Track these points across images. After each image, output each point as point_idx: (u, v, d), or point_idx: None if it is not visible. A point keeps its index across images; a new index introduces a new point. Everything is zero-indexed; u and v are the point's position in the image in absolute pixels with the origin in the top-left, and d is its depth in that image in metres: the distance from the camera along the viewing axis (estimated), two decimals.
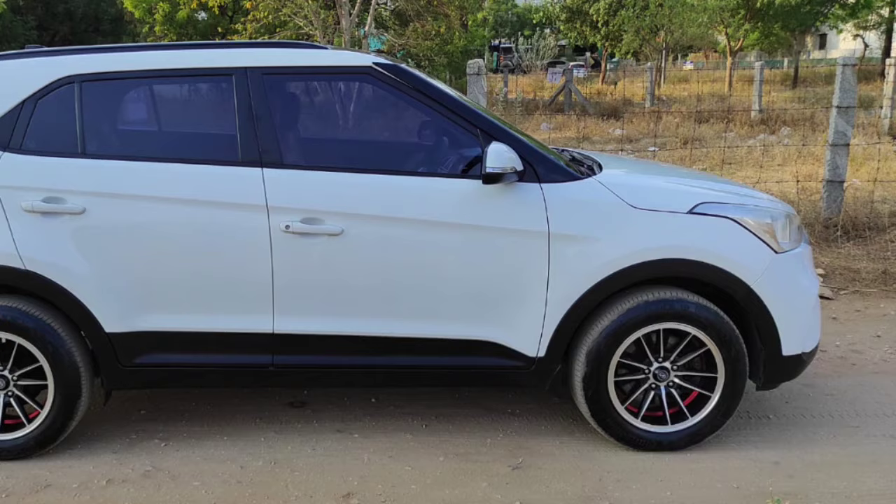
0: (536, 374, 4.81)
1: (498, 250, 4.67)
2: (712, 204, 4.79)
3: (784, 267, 4.81)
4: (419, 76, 4.91)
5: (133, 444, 5.04)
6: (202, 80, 5.01)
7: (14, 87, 4.76)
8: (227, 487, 4.53)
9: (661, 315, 4.67)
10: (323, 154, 5.22)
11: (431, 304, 4.73)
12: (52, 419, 4.75)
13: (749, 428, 5.20)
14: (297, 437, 5.11)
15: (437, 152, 5.16)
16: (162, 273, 4.69)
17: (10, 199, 4.62)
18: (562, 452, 4.89)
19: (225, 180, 4.66)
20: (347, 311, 4.74)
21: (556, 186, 4.68)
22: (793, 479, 4.57)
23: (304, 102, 5.39)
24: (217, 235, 4.66)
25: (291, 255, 4.65)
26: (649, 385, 4.82)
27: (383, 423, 5.30)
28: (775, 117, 23.25)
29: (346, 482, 4.58)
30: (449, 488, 4.51)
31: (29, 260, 4.60)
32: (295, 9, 23.30)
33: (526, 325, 4.74)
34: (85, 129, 4.73)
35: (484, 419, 5.35)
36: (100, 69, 4.80)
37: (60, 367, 4.68)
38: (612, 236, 4.65)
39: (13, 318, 4.63)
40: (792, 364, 4.89)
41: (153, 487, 4.54)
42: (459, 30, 30.44)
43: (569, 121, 25.06)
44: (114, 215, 4.65)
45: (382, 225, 4.65)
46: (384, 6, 27.71)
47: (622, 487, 4.49)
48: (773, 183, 12.16)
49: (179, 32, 36.61)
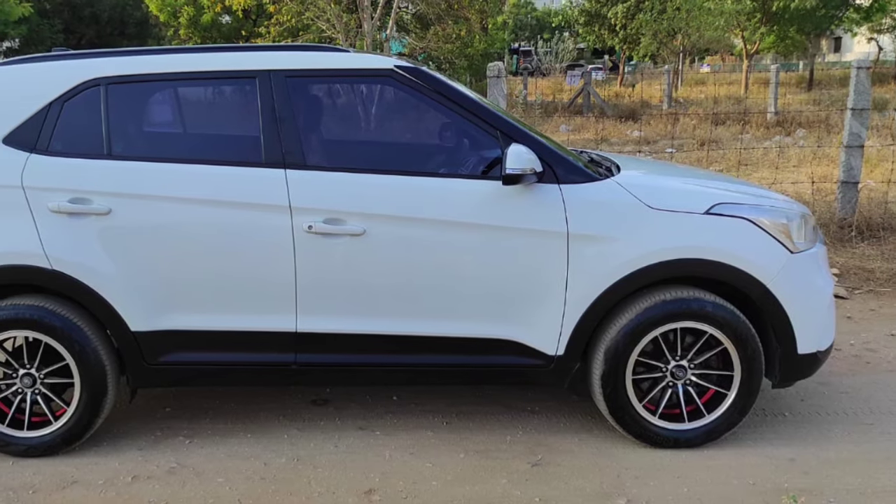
0: (555, 372, 4.94)
1: (517, 250, 4.80)
2: (729, 205, 4.91)
3: (799, 267, 4.92)
4: (440, 79, 5.04)
5: (158, 441, 5.19)
6: (226, 83, 5.15)
7: (41, 89, 4.90)
8: (250, 484, 4.66)
9: (678, 314, 4.79)
10: (345, 155, 5.34)
11: (452, 303, 4.86)
12: (79, 417, 4.89)
13: (765, 425, 5.33)
14: (319, 435, 5.25)
15: (457, 154, 5.29)
16: (187, 273, 4.83)
17: (37, 200, 4.75)
18: (580, 449, 5.02)
19: (249, 181, 4.80)
20: (369, 311, 4.87)
21: (574, 187, 4.80)
22: (808, 475, 4.68)
23: (327, 104, 5.53)
24: (241, 236, 4.79)
25: (314, 255, 4.78)
26: (667, 383, 4.95)
27: (405, 421, 5.44)
28: (791, 119, 23.54)
29: (368, 479, 4.71)
30: (469, 485, 4.64)
31: (56, 260, 4.73)
32: (318, 12, 23.56)
33: (545, 324, 4.86)
34: (111, 130, 4.87)
35: (504, 417, 5.49)
36: (125, 72, 4.94)
37: (86, 365, 4.82)
38: (630, 236, 4.77)
39: (40, 317, 4.77)
40: (807, 362, 5.01)
41: (178, 484, 4.67)
42: (479, 33, 30.70)
43: (587, 123, 25.24)
44: (139, 216, 4.78)
45: (404, 225, 4.77)
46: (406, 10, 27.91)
47: (640, 484, 4.61)
48: (788, 184, 12.31)
49: (204, 36, 36.98)
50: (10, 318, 4.78)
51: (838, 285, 8.26)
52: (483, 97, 5.46)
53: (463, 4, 26.60)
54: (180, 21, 36.82)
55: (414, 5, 27.54)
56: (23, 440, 4.94)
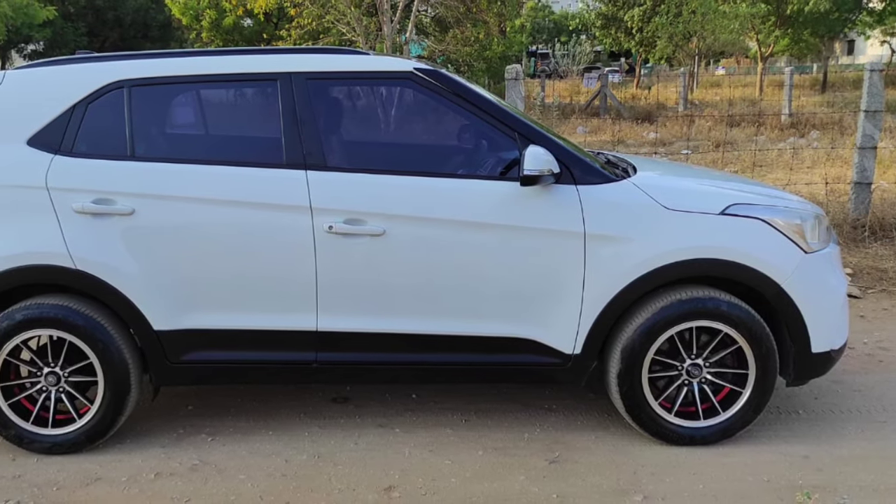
0: (573, 370, 5.06)
1: (535, 250, 4.91)
2: (743, 205, 5.02)
3: (813, 266, 5.03)
4: (459, 81, 5.17)
5: (181, 438, 5.33)
6: (248, 85, 5.27)
7: (65, 91, 5.04)
8: (272, 481, 4.78)
9: (693, 313, 4.91)
10: (365, 157, 5.47)
11: (471, 302, 4.98)
12: (102, 414, 5.03)
13: (779, 423, 5.45)
14: (340, 432, 5.38)
15: (476, 155, 5.41)
16: (209, 272, 4.96)
17: (62, 201, 4.89)
18: (597, 447, 5.15)
19: (270, 182, 4.92)
20: (389, 310, 4.99)
21: (591, 188, 4.92)
22: (822, 472, 4.80)
23: (347, 106, 5.66)
24: (262, 236, 4.92)
25: (335, 254, 4.91)
26: (682, 381, 5.07)
27: (424, 419, 5.57)
28: (805, 121, 23.82)
29: (388, 476, 4.83)
30: (488, 482, 4.75)
31: (80, 260, 4.87)
32: (338, 16, 23.77)
33: (562, 323, 4.98)
34: (134, 132, 5.01)
35: (522, 414, 5.63)
36: (148, 74, 5.08)
37: (110, 363, 4.95)
38: (646, 237, 4.89)
39: (64, 316, 4.90)
40: (821, 361, 5.12)
41: (200, 481, 4.79)
42: (498, 36, 30.90)
43: (604, 124, 25.52)
44: (162, 216, 4.91)
45: (423, 225, 4.90)
46: (425, 13, 28.11)
47: (656, 481, 4.73)
48: (802, 185, 12.43)
49: (226, 38, 37.28)
50: (35, 317, 4.91)
51: (851, 285, 8.40)
52: (501, 99, 5.57)
53: (481, 8, 26.81)
54: (202, 24, 37.20)
55: (433, 9, 27.78)
56: (47, 437, 5.07)
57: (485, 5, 27.03)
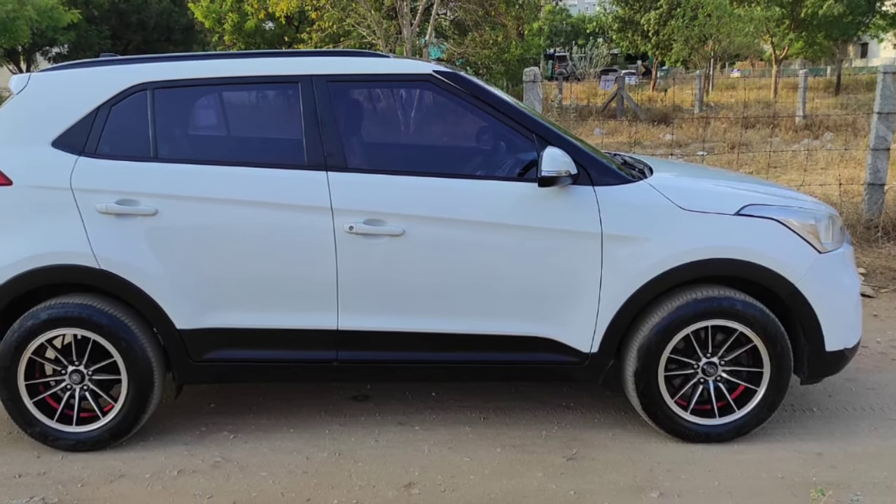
0: (590, 369, 5.19)
1: (553, 250, 5.03)
2: (758, 206, 5.13)
3: (827, 266, 5.15)
4: (477, 83, 5.29)
5: (203, 436, 5.46)
6: (269, 87, 5.40)
7: (89, 93, 5.16)
8: (293, 478, 4.91)
9: (709, 312, 5.02)
10: (385, 158, 5.56)
11: (489, 302, 5.11)
12: (126, 412, 5.16)
13: (793, 420, 5.57)
14: (360, 430, 5.52)
15: (494, 156, 5.52)
16: (231, 272, 5.08)
17: (86, 202, 5.02)
18: (614, 444, 5.27)
19: (291, 183, 5.04)
20: (409, 309, 5.12)
21: (608, 189, 5.04)
22: (835, 469, 4.92)
23: (367, 108, 5.78)
24: (283, 236, 5.05)
25: (355, 255, 5.03)
26: (698, 379, 5.19)
27: (443, 417, 5.70)
28: (819, 123, 24.10)
29: (408, 472, 4.95)
30: (506, 479, 4.87)
31: (103, 259, 5.00)
32: (358, 19, 24.11)
33: (580, 322, 5.10)
34: (157, 133, 5.14)
35: (540, 412, 5.75)
36: (171, 77, 5.20)
37: (133, 362, 5.08)
38: (662, 237, 5.00)
39: (88, 315, 5.03)
40: (835, 359, 5.23)
41: (222, 478, 4.92)
42: (516, 39, 31.18)
43: (621, 126, 25.81)
44: (185, 217, 5.04)
45: (442, 226, 5.02)
46: (444, 16, 28.37)
47: (672, 477, 4.84)
48: (816, 186, 12.59)
49: (248, 41, 37.76)
50: (60, 316, 5.04)
51: (865, 284, 8.52)
52: (519, 101, 5.69)
53: (500, 11, 27.03)
54: (225, 27, 37.66)
55: (452, 12, 28.02)
56: (71, 435, 5.20)
57: (503, 9, 27.26)
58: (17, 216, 5.06)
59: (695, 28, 39.00)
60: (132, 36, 45.18)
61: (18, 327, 5.08)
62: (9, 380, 5.12)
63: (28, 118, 5.19)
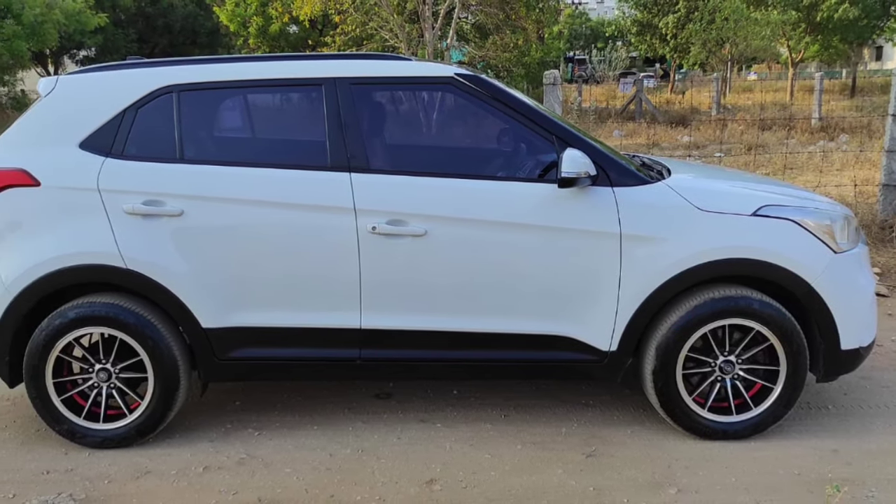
0: (609, 367, 5.32)
1: (572, 250, 5.16)
2: (775, 206, 5.24)
3: (842, 266, 5.26)
4: (498, 86, 5.41)
5: (228, 433, 5.61)
6: (293, 90, 5.53)
7: (116, 96, 5.31)
8: (317, 474, 5.04)
9: (726, 311, 5.14)
10: (407, 159, 5.71)
11: (510, 301, 5.23)
12: (152, 410, 5.31)
13: (809, 418, 5.70)
14: (383, 427, 5.65)
15: (514, 158, 5.66)
16: (255, 272, 5.21)
17: (113, 202, 5.15)
18: (633, 441, 5.40)
19: (315, 184, 5.18)
20: (431, 308, 5.24)
21: (627, 190, 5.17)
22: (851, 466, 5.04)
23: (390, 111, 5.91)
24: (307, 236, 5.18)
25: (378, 255, 5.16)
26: (715, 377, 5.31)
27: (464, 414, 5.84)
28: (834, 125, 24.40)
29: (430, 469, 5.08)
30: (526, 475, 5.00)
31: (130, 259, 5.14)
32: (381, 22, 24.37)
33: (599, 321, 5.23)
34: (183, 135, 5.27)
35: (559, 410, 5.89)
36: (197, 79, 5.34)
37: (160, 360, 5.22)
38: (680, 237, 5.12)
39: (115, 314, 5.17)
40: (850, 358, 5.35)
41: (247, 474, 5.05)
42: (536, 42, 31.46)
43: (639, 128, 26.12)
44: (210, 217, 5.17)
45: (463, 226, 5.15)
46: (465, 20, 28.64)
47: (690, 474, 4.96)
48: (832, 187, 12.76)
49: (272, 45, 38.24)
50: (87, 315, 5.18)
51: (880, 284, 8.64)
52: (539, 103, 5.82)
53: (520, 15, 27.22)
54: (249, 31, 38.13)
55: (473, 16, 28.28)
56: (99, 432, 5.35)
57: (524, 12, 27.45)
58: (46, 217, 5.19)
59: (712, 32, 39.54)
60: (158, 39, 45.71)
61: (46, 326, 5.21)
62: (37, 377, 5.26)
63: (56, 120, 5.33)
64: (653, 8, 44.44)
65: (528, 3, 27.58)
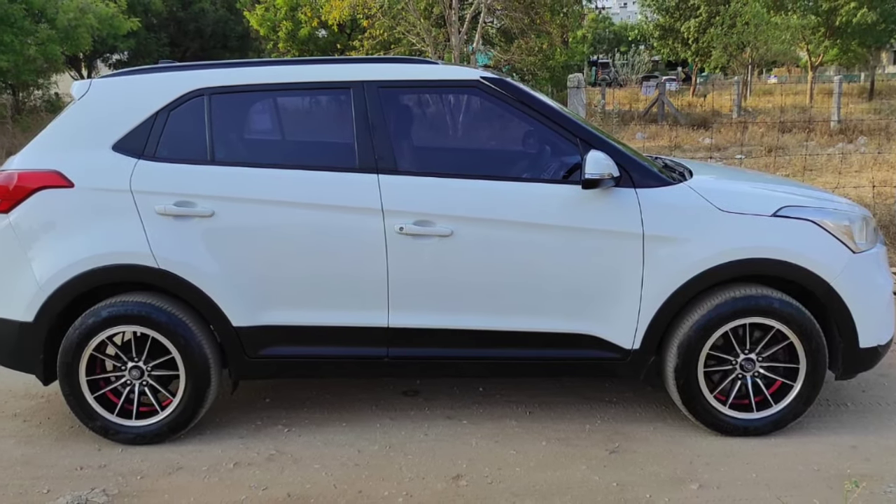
0: (632, 364, 5.47)
1: (596, 250, 5.30)
2: (794, 207, 5.38)
3: (861, 266, 5.41)
4: (523, 89, 5.56)
5: (258, 429, 5.77)
6: (322, 93, 5.69)
7: (148, 99, 5.47)
8: (345, 470, 5.19)
9: (747, 310, 5.29)
10: (434, 161, 5.83)
11: (535, 300, 5.38)
12: (184, 407, 5.47)
13: (828, 415, 5.85)
14: (409, 424, 5.82)
15: (539, 159, 5.80)
16: (285, 271, 5.37)
17: (145, 203, 5.31)
18: (655, 437, 5.56)
19: (343, 185, 5.33)
20: (457, 307, 5.39)
21: (649, 191, 5.31)
22: (869, 461, 5.19)
23: (417, 113, 6.05)
24: (336, 237, 5.33)
25: (405, 254, 5.31)
26: (736, 375, 5.47)
27: (490, 411, 6.01)
28: (853, 127, 24.81)
29: (456, 465, 5.23)
30: (551, 471, 5.14)
31: (162, 259, 5.29)
32: (408, 27, 24.66)
33: (622, 319, 5.39)
34: (214, 137, 5.43)
35: (583, 407, 6.06)
36: (228, 82, 5.50)
37: (191, 358, 5.38)
38: (701, 237, 5.27)
39: (147, 313, 5.34)
40: (868, 356, 5.50)
41: (277, 470, 5.21)
42: (560, 46, 31.74)
43: (662, 130, 26.43)
44: (241, 218, 5.33)
45: (489, 227, 5.30)
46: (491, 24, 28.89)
47: (711, 469, 5.11)
48: (850, 188, 12.89)
49: (301, 49, 38.54)
50: (120, 314, 5.35)
51: None
52: (563, 106, 5.95)
53: (545, 19, 27.48)
54: (279, 35, 38.39)
55: (499, 20, 28.61)
56: (131, 429, 5.52)
57: (548, 17, 27.69)
58: (79, 217, 5.35)
59: (733, 36, 39.98)
60: (190, 43, 46.13)
61: (80, 325, 5.37)
62: (71, 375, 5.42)
63: (89, 123, 5.49)
64: (675, 13, 44.90)
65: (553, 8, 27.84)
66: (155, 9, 41.91)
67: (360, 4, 24.52)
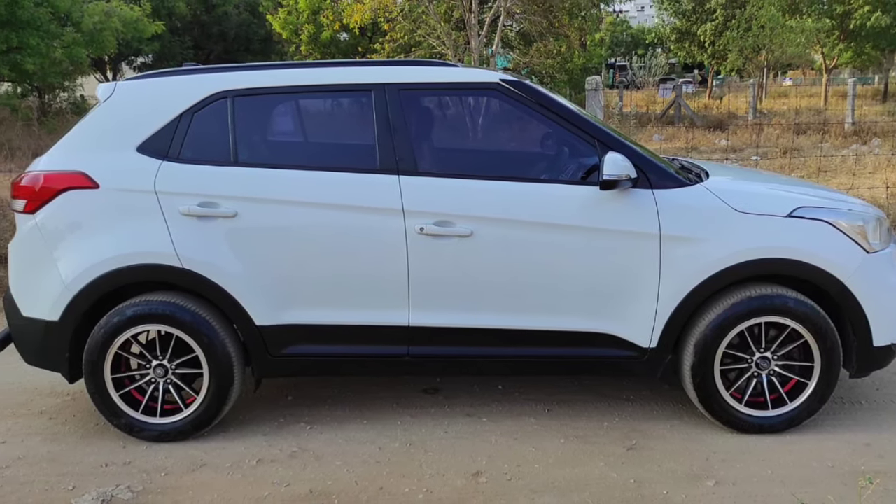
0: (649, 363, 5.57)
1: (614, 250, 5.41)
2: (809, 208, 5.48)
3: (875, 265, 5.50)
4: (542, 91, 5.68)
5: (281, 427, 5.89)
6: (344, 95, 5.82)
7: (173, 101, 5.58)
8: (366, 467, 5.30)
9: (762, 309, 5.40)
10: (454, 162, 5.96)
11: (553, 299, 5.49)
12: (207, 404, 5.59)
13: (843, 412, 5.96)
14: (430, 421, 5.93)
15: (557, 161, 5.91)
16: (307, 271, 5.48)
17: (169, 204, 5.43)
18: (672, 435, 5.66)
19: (364, 186, 5.44)
20: (477, 306, 5.50)
21: (666, 192, 5.42)
22: (883, 459, 5.29)
23: (437, 115, 6.18)
24: (357, 237, 5.44)
25: (425, 254, 5.42)
26: (752, 373, 5.57)
27: (509, 409, 6.12)
28: (867, 129, 25.04)
29: (476, 462, 5.34)
30: (569, 467, 5.25)
31: (186, 259, 5.41)
32: (428, 30, 24.84)
33: (639, 318, 5.49)
34: (237, 139, 5.54)
35: (601, 405, 6.17)
36: (251, 85, 5.62)
37: (214, 357, 5.50)
38: (717, 237, 5.37)
39: (171, 312, 5.46)
40: (882, 354, 5.59)
41: (299, 467, 5.32)
42: (579, 49, 31.94)
43: (678, 132, 26.55)
44: (263, 218, 5.44)
45: (508, 227, 5.41)
46: (510, 28, 29.01)
47: (727, 466, 5.21)
48: (864, 189, 13.03)
49: (323, 52, 38.93)
50: (145, 313, 5.47)
51: None
52: (582, 108, 6.07)
53: (563, 23, 27.56)
54: (301, 38, 38.78)
55: (518, 24, 28.67)
56: (155, 426, 5.64)
57: (567, 20, 27.76)
58: (104, 218, 5.47)
59: (749, 39, 40.38)
60: (213, 46, 46.43)
61: (105, 324, 5.49)
62: (96, 373, 5.54)
63: (114, 125, 5.61)
64: (691, 16, 45.36)
65: (571, 12, 27.89)
66: (179, 12, 42.10)
67: (382, 8, 24.60)
